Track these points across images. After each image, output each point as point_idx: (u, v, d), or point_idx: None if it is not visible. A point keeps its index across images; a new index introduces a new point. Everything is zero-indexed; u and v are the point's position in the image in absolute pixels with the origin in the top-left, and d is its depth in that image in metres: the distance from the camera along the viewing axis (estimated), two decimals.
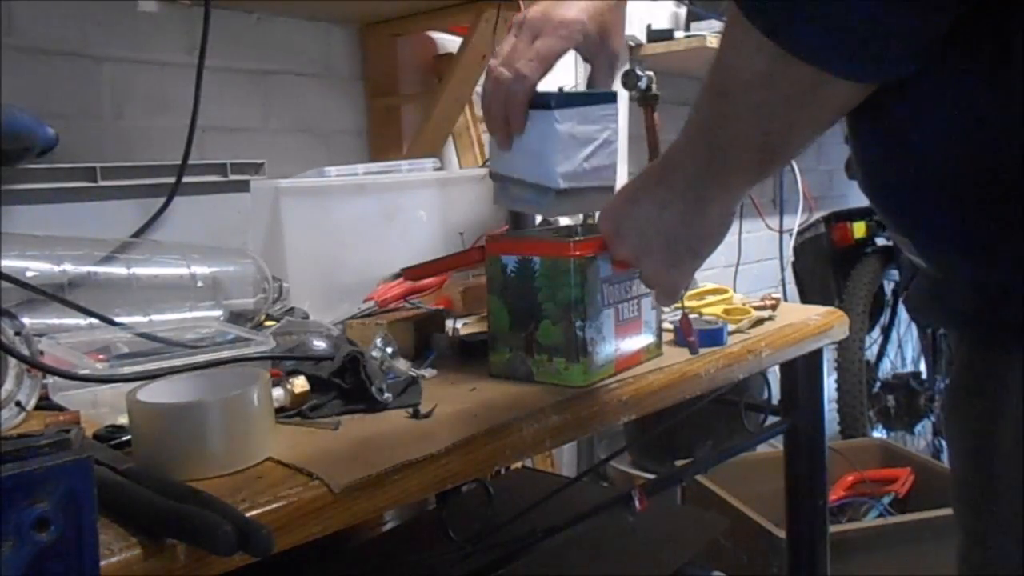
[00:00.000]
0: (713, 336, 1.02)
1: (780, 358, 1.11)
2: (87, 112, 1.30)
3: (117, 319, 0.87)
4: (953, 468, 0.69)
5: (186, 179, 1.02)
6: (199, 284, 0.96)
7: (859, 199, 0.81)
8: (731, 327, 1.07)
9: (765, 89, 0.55)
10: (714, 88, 0.59)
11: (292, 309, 1.04)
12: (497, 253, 0.88)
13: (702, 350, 0.99)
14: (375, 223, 1.21)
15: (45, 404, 0.77)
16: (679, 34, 2.10)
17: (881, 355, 2.86)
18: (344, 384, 0.79)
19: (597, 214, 0.81)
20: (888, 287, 2.82)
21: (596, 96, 0.92)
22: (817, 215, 2.75)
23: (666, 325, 1.05)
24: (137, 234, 0.99)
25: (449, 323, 1.07)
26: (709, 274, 2.51)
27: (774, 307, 1.17)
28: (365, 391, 0.79)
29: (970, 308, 0.60)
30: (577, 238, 0.85)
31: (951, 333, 0.75)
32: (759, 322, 1.11)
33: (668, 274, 0.75)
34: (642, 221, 0.72)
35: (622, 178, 1.72)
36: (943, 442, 2.63)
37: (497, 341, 0.89)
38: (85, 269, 0.90)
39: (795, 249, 2.65)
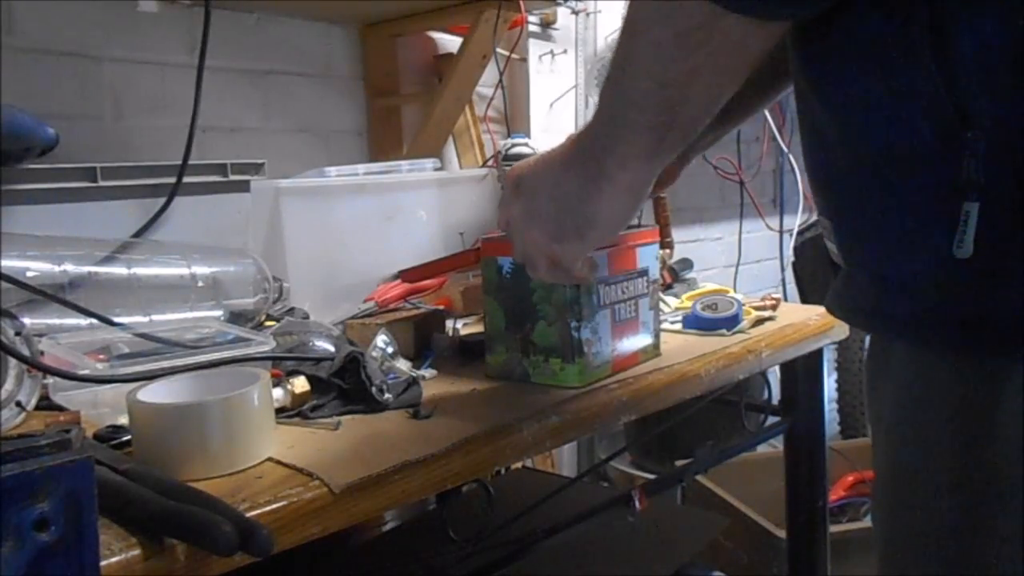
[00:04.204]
0: (730, 322, 1.04)
1: (780, 358, 1.11)
2: (87, 112, 1.30)
3: (117, 319, 0.87)
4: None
5: (186, 179, 1.02)
6: (199, 284, 0.96)
7: None
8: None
9: (662, 25, 0.53)
10: (621, 31, 0.56)
11: (292, 309, 1.04)
12: (492, 254, 0.88)
13: (710, 337, 0.99)
14: (375, 223, 1.21)
15: (45, 404, 0.77)
16: None
17: None
18: (344, 384, 0.79)
19: None
20: None
21: None
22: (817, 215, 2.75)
23: (666, 325, 1.05)
24: (137, 234, 0.99)
25: (449, 323, 1.07)
26: (709, 274, 2.52)
27: (774, 307, 1.17)
28: (365, 391, 0.79)
29: (869, 303, 0.60)
30: None
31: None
32: (759, 322, 1.11)
33: (548, 247, 0.69)
34: (542, 182, 0.67)
35: None
36: None
37: (493, 342, 0.89)
38: (85, 269, 0.90)
39: (795, 249, 2.65)
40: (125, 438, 0.68)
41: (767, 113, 2.44)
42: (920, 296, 0.54)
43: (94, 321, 0.85)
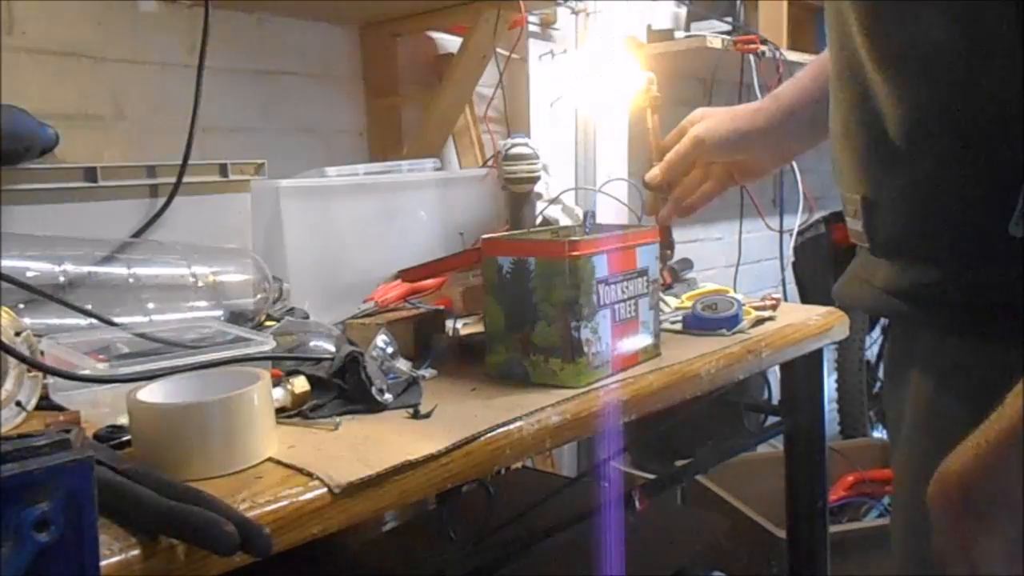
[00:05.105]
0: (730, 322, 1.04)
1: (780, 358, 1.10)
2: (87, 112, 1.30)
3: (117, 319, 0.87)
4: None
5: (186, 179, 1.02)
6: (199, 284, 0.96)
7: None
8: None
9: None
10: None
11: (292, 309, 1.04)
12: (493, 254, 0.88)
13: (710, 337, 0.99)
14: (375, 223, 1.21)
15: (45, 404, 0.77)
16: (679, 34, 2.10)
17: (881, 355, 2.86)
18: (344, 384, 0.79)
19: None
20: None
21: None
22: (817, 215, 2.75)
23: (666, 325, 1.05)
24: (137, 234, 0.99)
25: (449, 323, 1.07)
26: (709, 274, 2.52)
27: (774, 307, 1.17)
28: (365, 391, 0.79)
29: (889, 283, 0.59)
30: (572, 238, 0.85)
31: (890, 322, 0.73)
32: (759, 322, 1.11)
33: None
34: (1001, 469, 0.46)
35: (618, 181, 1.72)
36: None
37: (494, 342, 0.89)
38: (85, 269, 0.90)
39: (795, 249, 2.64)
40: (125, 438, 0.68)
41: None
42: (955, 278, 0.54)
43: (94, 321, 0.85)
